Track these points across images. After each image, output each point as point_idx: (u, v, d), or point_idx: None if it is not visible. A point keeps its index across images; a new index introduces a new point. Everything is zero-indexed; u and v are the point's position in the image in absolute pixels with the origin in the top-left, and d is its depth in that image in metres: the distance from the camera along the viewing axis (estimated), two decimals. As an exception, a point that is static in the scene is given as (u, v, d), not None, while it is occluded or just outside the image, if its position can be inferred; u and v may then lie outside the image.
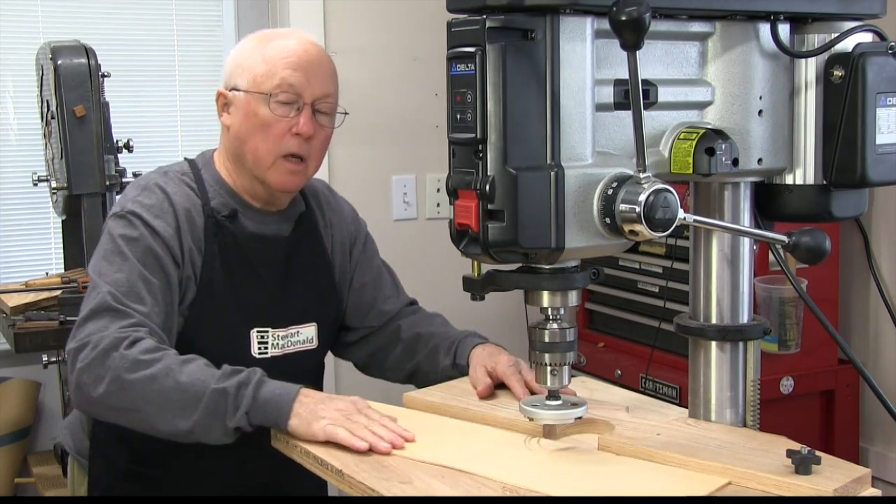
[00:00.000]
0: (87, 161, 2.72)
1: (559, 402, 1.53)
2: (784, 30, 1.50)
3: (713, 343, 1.59)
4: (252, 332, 1.91)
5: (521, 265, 1.42)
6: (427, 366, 2.03)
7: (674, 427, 1.59)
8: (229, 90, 1.93)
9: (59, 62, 2.72)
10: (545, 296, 1.46)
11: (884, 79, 1.48)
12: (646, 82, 1.42)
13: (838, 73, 1.49)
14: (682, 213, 1.36)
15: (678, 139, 1.47)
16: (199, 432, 1.65)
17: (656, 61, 1.46)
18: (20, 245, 3.30)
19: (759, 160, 1.51)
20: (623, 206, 1.34)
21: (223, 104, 1.95)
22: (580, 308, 3.34)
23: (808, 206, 1.55)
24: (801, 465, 1.38)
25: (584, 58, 1.35)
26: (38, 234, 3.31)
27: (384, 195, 3.42)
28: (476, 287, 1.45)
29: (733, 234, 1.57)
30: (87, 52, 2.76)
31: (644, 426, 1.59)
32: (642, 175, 1.34)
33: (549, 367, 1.49)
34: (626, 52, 1.30)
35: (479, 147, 1.33)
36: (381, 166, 3.40)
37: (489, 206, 1.33)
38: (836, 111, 1.49)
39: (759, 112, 1.51)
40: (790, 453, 1.40)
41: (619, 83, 1.41)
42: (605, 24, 1.30)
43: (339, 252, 2.09)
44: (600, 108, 1.39)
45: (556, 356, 1.48)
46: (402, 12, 3.40)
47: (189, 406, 1.64)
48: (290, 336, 1.96)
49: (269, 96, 1.86)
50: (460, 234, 1.39)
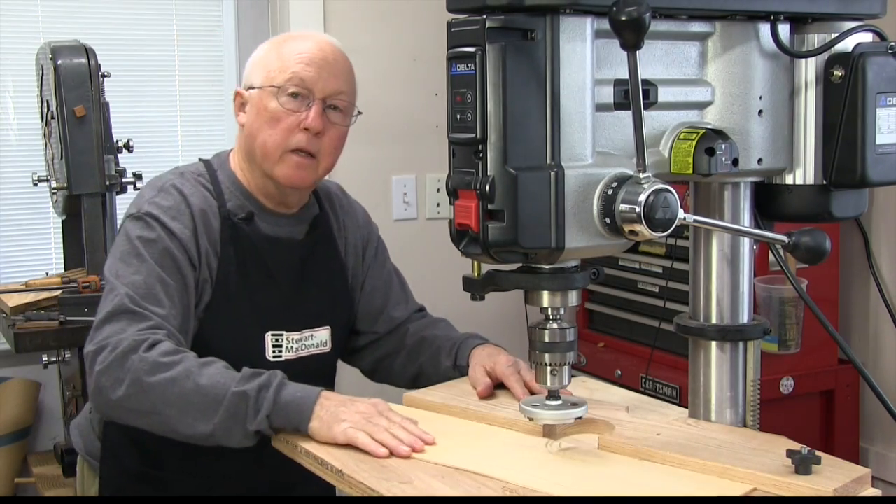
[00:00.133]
0: (87, 161, 2.71)
1: (559, 402, 1.53)
2: (784, 30, 1.50)
3: (713, 343, 1.59)
4: (267, 335, 1.90)
5: (521, 265, 1.41)
6: (430, 368, 2.02)
7: (674, 427, 1.59)
8: (246, 89, 1.93)
9: (59, 62, 2.71)
10: (545, 296, 1.46)
11: (884, 79, 1.48)
12: (646, 82, 1.42)
13: (838, 73, 1.49)
14: (682, 213, 1.36)
15: (678, 139, 1.47)
16: (219, 435, 1.63)
17: (656, 61, 1.46)
18: (20, 245, 3.30)
19: (759, 160, 1.51)
20: (623, 206, 1.34)
21: (240, 103, 1.95)
22: (580, 308, 3.34)
23: (808, 206, 1.55)
24: (801, 465, 1.38)
25: (584, 58, 1.35)
26: (38, 234, 3.31)
27: (384, 195, 3.42)
28: (476, 287, 1.45)
29: (733, 234, 1.57)
30: (87, 52, 2.76)
31: (644, 426, 1.59)
32: (642, 175, 1.34)
33: (549, 367, 1.49)
34: (626, 52, 1.30)
35: (479, 147, 1.33)
36: (381, 166, 3.39)
37: (489, 206, 1.33)
38: (836, 111, 1.49)
39: (759, 112, 1.51)
40: (790, 453, 1.40)
41: (619, 83, 1.41)
42: (605, 24, 1.30)
43: (353, 255, 2.08)
44: (600, 108, 1.39)
45: (556, 356, 1.48)
46: (402, 12, 3.40)
47: (209, 409, 1.62)
48: (304, 340, 1.95)
49: (279, 89, 1.86)
50: (460, 234, 1.39)
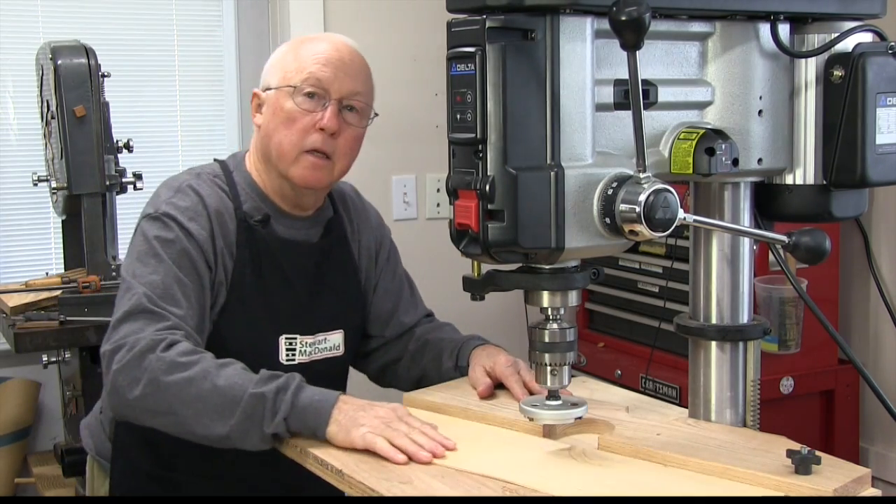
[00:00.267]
0: (87, 161, 2.71)
1: (559, 402, 1.53)
2: (784, 30, 1.50)
3: (713, 343, 1.59)
4: (281, 338, 1.90)
5: (521, 265, 1.41)
6: (432, 370, 2.01)
7: (674, 427, 1.59)
8: (263, 90, 1.93)
9: (59, 62, 2.71)
10: (545, 296, 1.46)
11: (884, 79, 1.48)
12: (646, 82, 1.42)
13: (838, 73, 1.48)
14: (682, 213, 1.36)
15: (678, 139, 1.47)
16: (235, 437, 1.62)
17: (656, 61, 1.46)
18: (20, 245, 3.29)
19: (759, 160, 1.51)
20: (623, 206, 1.34)
21: (257, 105, 1.95)
22: (580, 308, 3.34)
23: (808, 206, 1.55)
24: (801, 465, 1.38)
25: (584, 58, 1.35)
26: (38, 234, 3.30)
27: (384, 195, 3.41)
28: (476, 287, 1.45)
29: (733, 234, 1.57)
30: (87, 52, 2.75)
31: (644, 426, 1.59)
32: (642, 175, 1.34)
33: (549, 367, 1.49)
34: (626, 52, 1.30)
35: (479, 147, 1.33)
36: (381, 166, 3.39)
37: (489, 206, 1.33)
38: (836, 111, 1.49)
39: (759, 112, 1.51)
40: (790, 453, 1.40)
41: (619, 83, 1.41)
42: (605, 24, 1.30)
43: (366, 257, 2.07)
44: (600, 108, 1.39)
45: (556, 356, 1.48)
46: (402, 12, 3.40)
47: (226, 410, 1.61)
48: (318, 343, 1.95)
49: (295, 89, 1.86)
50: (460, 234, 1.39)
